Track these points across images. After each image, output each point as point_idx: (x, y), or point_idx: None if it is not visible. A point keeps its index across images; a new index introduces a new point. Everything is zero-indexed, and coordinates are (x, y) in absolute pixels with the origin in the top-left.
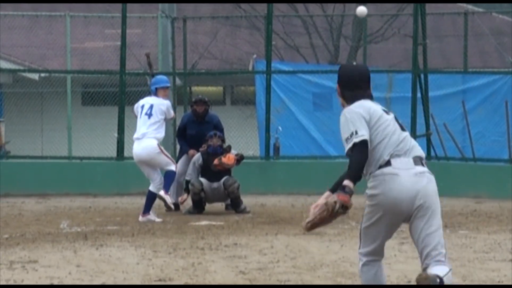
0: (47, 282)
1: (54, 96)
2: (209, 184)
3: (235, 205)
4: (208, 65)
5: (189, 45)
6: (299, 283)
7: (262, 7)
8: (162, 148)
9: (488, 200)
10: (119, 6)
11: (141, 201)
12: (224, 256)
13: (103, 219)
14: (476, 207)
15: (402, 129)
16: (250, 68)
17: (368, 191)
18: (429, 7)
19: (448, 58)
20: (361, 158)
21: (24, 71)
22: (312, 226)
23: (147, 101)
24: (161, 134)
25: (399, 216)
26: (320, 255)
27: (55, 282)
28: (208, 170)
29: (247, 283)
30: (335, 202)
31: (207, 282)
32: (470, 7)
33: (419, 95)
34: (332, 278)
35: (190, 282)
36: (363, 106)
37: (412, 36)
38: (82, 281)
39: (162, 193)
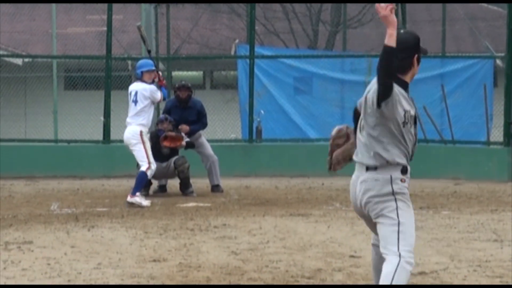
0: (44, 262)
1: (37, 81)
2: (159, 163)
3: (183, 186)
4: (189, 50)
5: (171, 31)
6: (291, 263)
7: None
8: (145, 139)
9: (467, 181)
10: None
11: (127, 183)
12: (215, 236)
13: (92, 201)
14: (455, 189)
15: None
16: (232, 53)
17: None
18: None
19: (423, 43)
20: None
21: (8, 56)
22: None
23: (133, 88)
24: (146, 120)
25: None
26: (308, 236)
27: (52, 263)
28: (158, 152)
29: (240, 263)
30: None
31: (200, 262)
32: None
33: None
34: (322, 258)
35: (184, 262)
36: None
37: None
38: (79, 261)
39: (128, 198)
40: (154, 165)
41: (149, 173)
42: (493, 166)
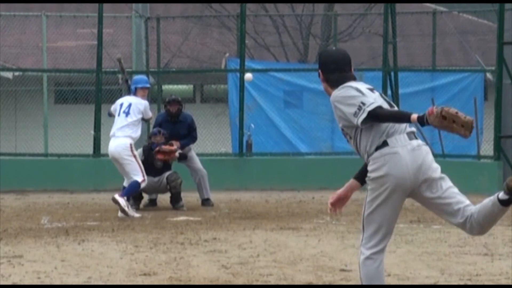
0: (34, 276)
1: (27, 95)
2: (151, 178)
3: (174, 200)
4: (179, 63)
5: (161, 44)
6: (281, 277)
7: (232, 6)
8: (136, 153)
9: None
10: (90, 6)
11: None
12: (205, 250)
13: (82, 215)
14: None
15: (391, 105)
16: (223, 66)
17: (371, 174)
18: (396, 7)
19: (413, 56)
20: (388, 111)
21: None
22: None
23: (126, 99)
24: (136, 133)
25: (405, 193)
26: (299, 250)
27: (42, 277)
28: (150, 166)
29: (230, 277)
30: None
31: (191, 276)
32: (433, 6)
33: (389, 92)
34: (313, 272)
35: (174, 276)
36: (352, 86)
37: (383, 35)
38: (69, 275)
39: (116, 195)
40: (146, 179)
41: (143, 185)
42: (484, 180)
